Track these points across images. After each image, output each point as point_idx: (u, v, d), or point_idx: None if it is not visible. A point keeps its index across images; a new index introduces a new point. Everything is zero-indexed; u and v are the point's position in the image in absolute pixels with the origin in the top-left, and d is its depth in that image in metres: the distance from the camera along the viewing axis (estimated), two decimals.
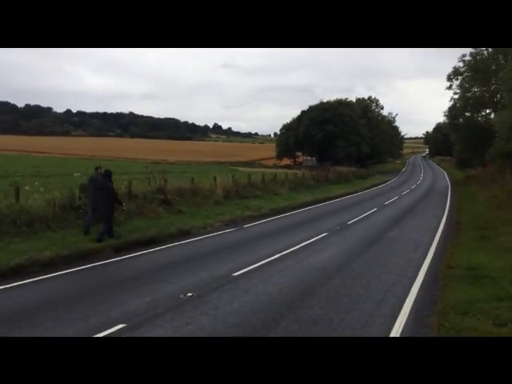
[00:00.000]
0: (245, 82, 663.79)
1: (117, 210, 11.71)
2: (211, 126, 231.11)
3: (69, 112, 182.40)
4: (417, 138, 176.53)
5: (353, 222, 16.04)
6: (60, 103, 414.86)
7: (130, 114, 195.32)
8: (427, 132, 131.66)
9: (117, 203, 11.36)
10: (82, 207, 11.89)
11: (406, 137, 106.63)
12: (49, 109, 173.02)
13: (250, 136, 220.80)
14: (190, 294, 7.14)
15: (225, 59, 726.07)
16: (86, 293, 7.26)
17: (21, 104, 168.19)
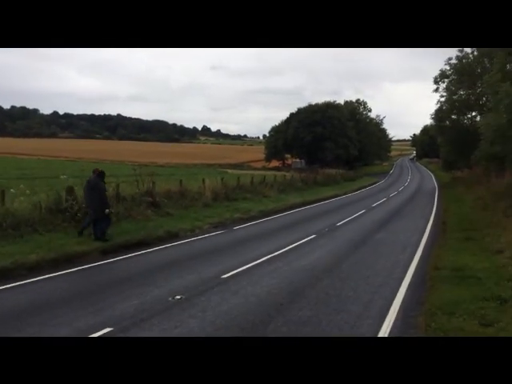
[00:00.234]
0: (233, 84, 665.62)
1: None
2: (200, 129, 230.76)
3: (56, 114, 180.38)
4: (404, 140, 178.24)
5: (341, 223, 16.13)
6: (47, 105, 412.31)
7: (118, 116, 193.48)
8: (414, 134, 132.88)
9: (104, 204, 11.29)
10: (69, 209, 11.76)
11: (393, 139, 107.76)
12: (35, 110, 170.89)
13: (239, 138, 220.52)
14: (178, 297, 7.10)
15: (213, 61, 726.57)
16: (72, 296, 7.17)
17: (6, 105, 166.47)
